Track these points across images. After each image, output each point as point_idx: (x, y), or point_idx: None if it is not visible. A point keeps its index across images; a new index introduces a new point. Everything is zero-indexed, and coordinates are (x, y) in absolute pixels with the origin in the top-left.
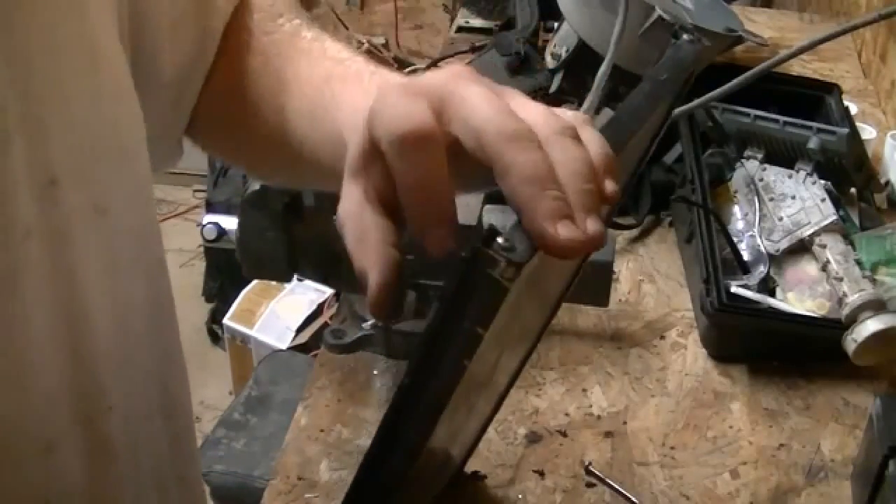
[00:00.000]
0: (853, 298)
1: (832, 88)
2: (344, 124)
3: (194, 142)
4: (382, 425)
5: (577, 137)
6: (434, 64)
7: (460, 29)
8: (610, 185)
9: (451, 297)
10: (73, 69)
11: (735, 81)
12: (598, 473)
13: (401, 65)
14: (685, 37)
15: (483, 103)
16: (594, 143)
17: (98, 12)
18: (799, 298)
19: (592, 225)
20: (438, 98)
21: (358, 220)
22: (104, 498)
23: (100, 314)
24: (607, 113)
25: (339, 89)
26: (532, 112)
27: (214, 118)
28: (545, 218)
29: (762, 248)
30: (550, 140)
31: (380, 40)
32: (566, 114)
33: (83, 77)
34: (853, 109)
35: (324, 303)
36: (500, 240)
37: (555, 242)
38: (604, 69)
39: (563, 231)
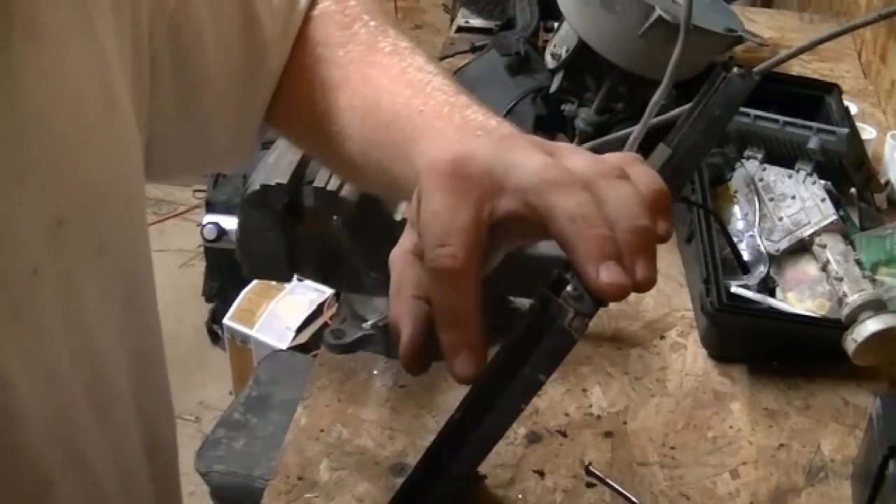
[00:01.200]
0: (853, 298)
1: (832, 88)
2: (418, 173)
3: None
4: (427, 455)
5: (625, 177)
6: None
7: (460, 29)
8: (662, 225)
9: (516, 341)
10: (93, 117)
11: None
12: (598, 473)
13: None
14: (735, 70)
15: (529, 164)
16: (646, 179)
17: (114, 58)
18: (799, 298)
19: (642, 269)
20: (488, 171)
21: (400, 270)
22: None
23: (86, 349)
24: (663, 150)
25: (420, 127)
26: (577, 161)
27: (296, 125)
28: (587, 258)
29: (762, 248)
30: (597, 183)
31: None
32: (615, 156)
33: (101, 125)
34: (853, 109)
35: (324, 303)
36: (569, 288)
37: (596, 287)
38: (656, 99)
39: (605, 275)
